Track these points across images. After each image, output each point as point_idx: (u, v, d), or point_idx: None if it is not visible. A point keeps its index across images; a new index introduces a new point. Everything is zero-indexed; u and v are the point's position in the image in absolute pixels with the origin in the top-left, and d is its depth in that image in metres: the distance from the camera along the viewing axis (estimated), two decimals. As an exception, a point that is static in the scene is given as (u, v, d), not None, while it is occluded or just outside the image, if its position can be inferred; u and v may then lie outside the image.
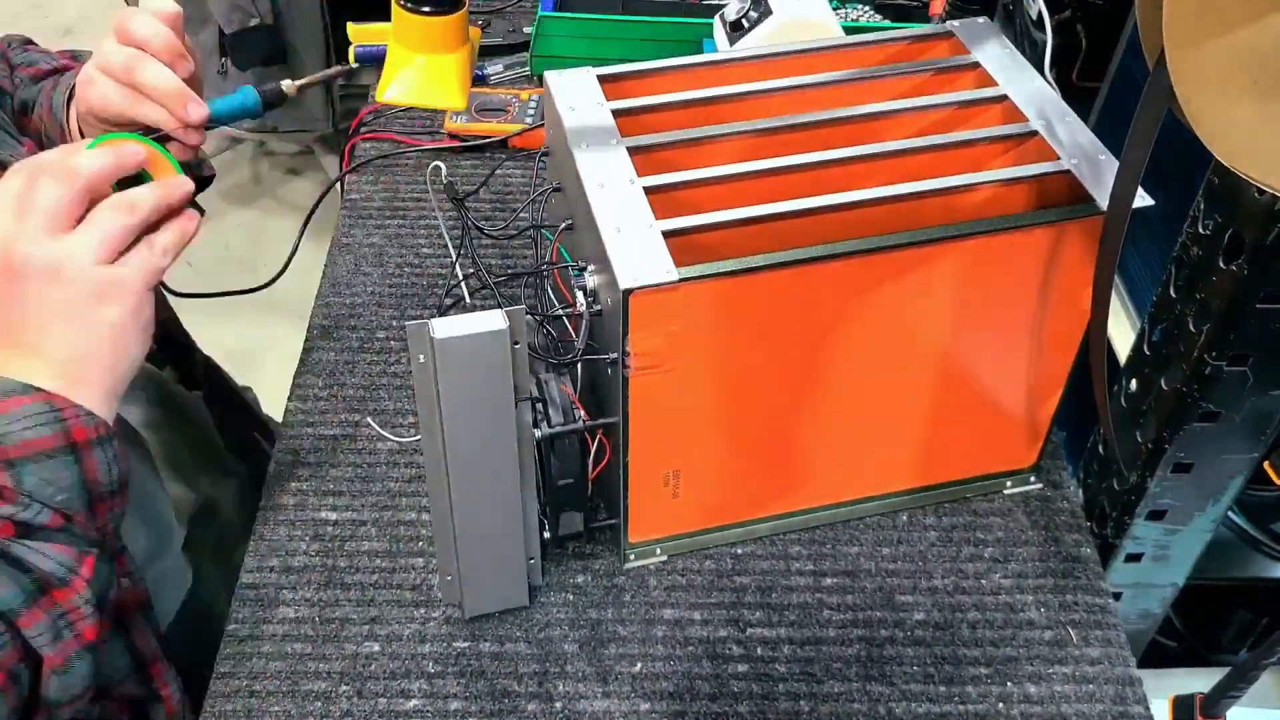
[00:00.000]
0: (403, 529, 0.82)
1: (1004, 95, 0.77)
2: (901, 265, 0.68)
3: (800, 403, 0.74)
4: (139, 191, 0.65)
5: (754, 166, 0.71)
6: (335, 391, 0.91)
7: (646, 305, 0.64)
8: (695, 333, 0.67)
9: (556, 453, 0.73)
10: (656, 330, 0.66)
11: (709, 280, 0.64)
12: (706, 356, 0.69)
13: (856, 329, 0.71)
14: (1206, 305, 0.73)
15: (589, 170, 0.70)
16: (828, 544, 0.82)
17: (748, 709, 0.72)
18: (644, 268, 0.64)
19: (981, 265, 0.70)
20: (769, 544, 0.82)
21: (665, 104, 0.76)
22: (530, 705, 0.72)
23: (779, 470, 0.79)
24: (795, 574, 0.80)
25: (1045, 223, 0.69)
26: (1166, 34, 0.51)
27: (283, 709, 0.72)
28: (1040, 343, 0.76)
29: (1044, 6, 1.08)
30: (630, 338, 0.65)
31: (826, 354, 0.72)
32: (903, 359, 0.75)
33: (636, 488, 0.75)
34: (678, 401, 0.70)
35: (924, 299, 0.71)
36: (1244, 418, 0.77)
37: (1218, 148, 0.54)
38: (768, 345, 0.70)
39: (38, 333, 0.62)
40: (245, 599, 0.77)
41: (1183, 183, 0.80)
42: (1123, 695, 0.74)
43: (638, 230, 0.66)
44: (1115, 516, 0.86)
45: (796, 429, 0.76)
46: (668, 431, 0.72)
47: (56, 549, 0.61)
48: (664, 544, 0.80)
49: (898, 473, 0.82)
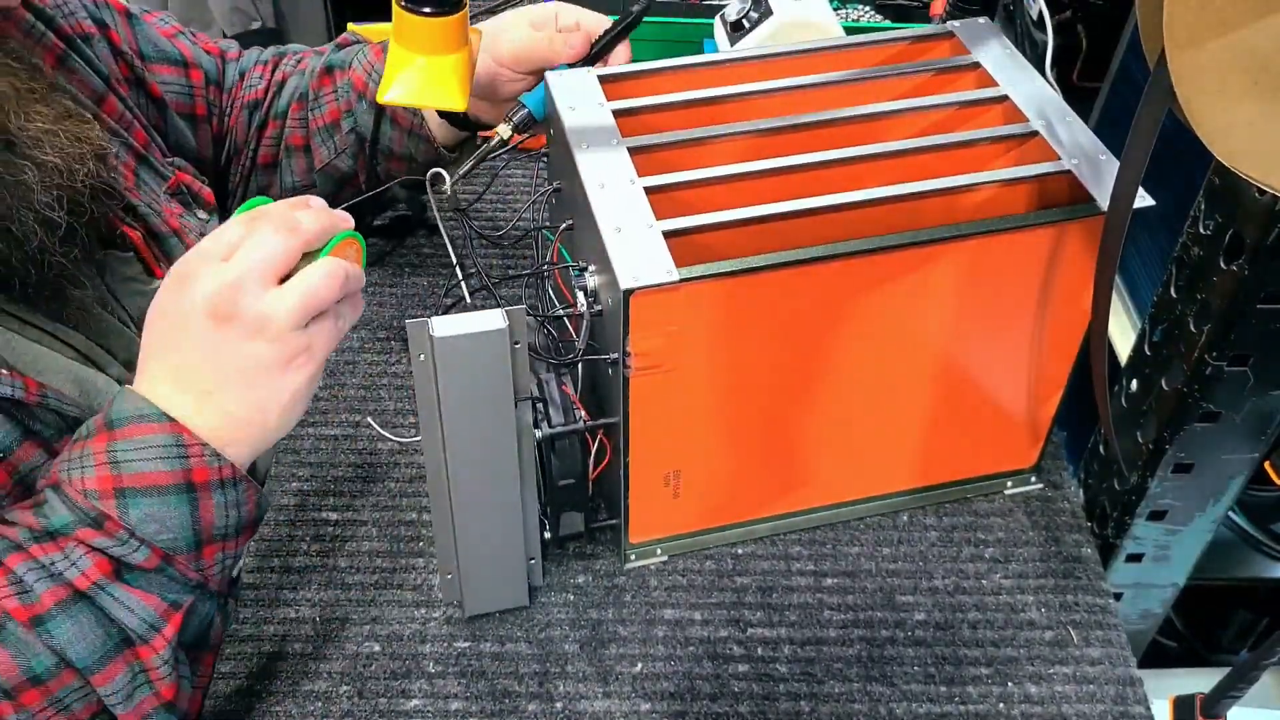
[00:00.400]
0: (403, 529, 0.82)
1: (1005, 95, 0.77)
2: (902, 265, 0.68)
3: (801, 402, 0.75)
4: (352, 266, 0.63)
5: (754, 167, 0.71)
6: (335, 391, 0.91)
7: (647, 305, 0.64)
8: (696, 333, 0.67)
9: (557, 453, 0.73)
10: (657, 330, 0.66)
11: (709, 280, 0.64)
12: (707, 356, 0.69)
13: (857, 329, 0.71)
14: (1207, 305, 0.73)
15: (589, 170, 0.70)
16: (828, 544, 0.82)
17: (748, 709, 0.72)
18: (644, 268, 0.64)
19: (982, 265, 0.70)
20: (769, 544, 0.82)
21: (666, 104, 0.76)
22: (531, 705, 0.72)
23: (780, 470, 0.79)
24: (796, 574, 0.80)
25: (1046, 223, 0.69)
26: (1167, 34, 0.50)
27: (283, 709, 0.72)
28: (1041, 343, 0.76)
29: (1044, 6, 1.08)
30: (631, 338, 0.65)
31: (827, 354, 0.72)
32: (903, 359, 0.75)
33: (637, 488, 0.75)
34: (678, 401, 0.70)
35: (924, 299, 0.71)
36: (1244, 418, 0.77)
37: (1218, 148, 0.54)
38: (768, 345, 0.70)
39: (216, 381, 0.61)
40: (245, 599, 0.77)
41: (1183, 183, 0.80)
42: (1123, 695, 0.74)
43: (638, 230, 0.66)
44: (1116, 517, 0.86)
45: (797, 429, 0.76)
46: (668, 431, 0.72)
47: (145, 601, 0.60)
48: (664, 544, 0.80)
49: (898, 473, 0.82)
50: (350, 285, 0.63)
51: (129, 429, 0.60)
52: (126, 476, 0.59)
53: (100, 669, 0.59)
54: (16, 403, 0.64)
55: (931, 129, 0.77)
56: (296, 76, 0.95)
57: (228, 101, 0.94)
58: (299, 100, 0.93)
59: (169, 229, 0.80)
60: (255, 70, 0.95)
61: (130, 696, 0.60)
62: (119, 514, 0.59)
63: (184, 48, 0.90)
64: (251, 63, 0.96)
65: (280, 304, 0.60)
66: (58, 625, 0.58)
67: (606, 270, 0.65)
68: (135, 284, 0.77)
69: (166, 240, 0.80)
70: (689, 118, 0.76)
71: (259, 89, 0.94)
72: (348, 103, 0.91)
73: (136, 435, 0.60)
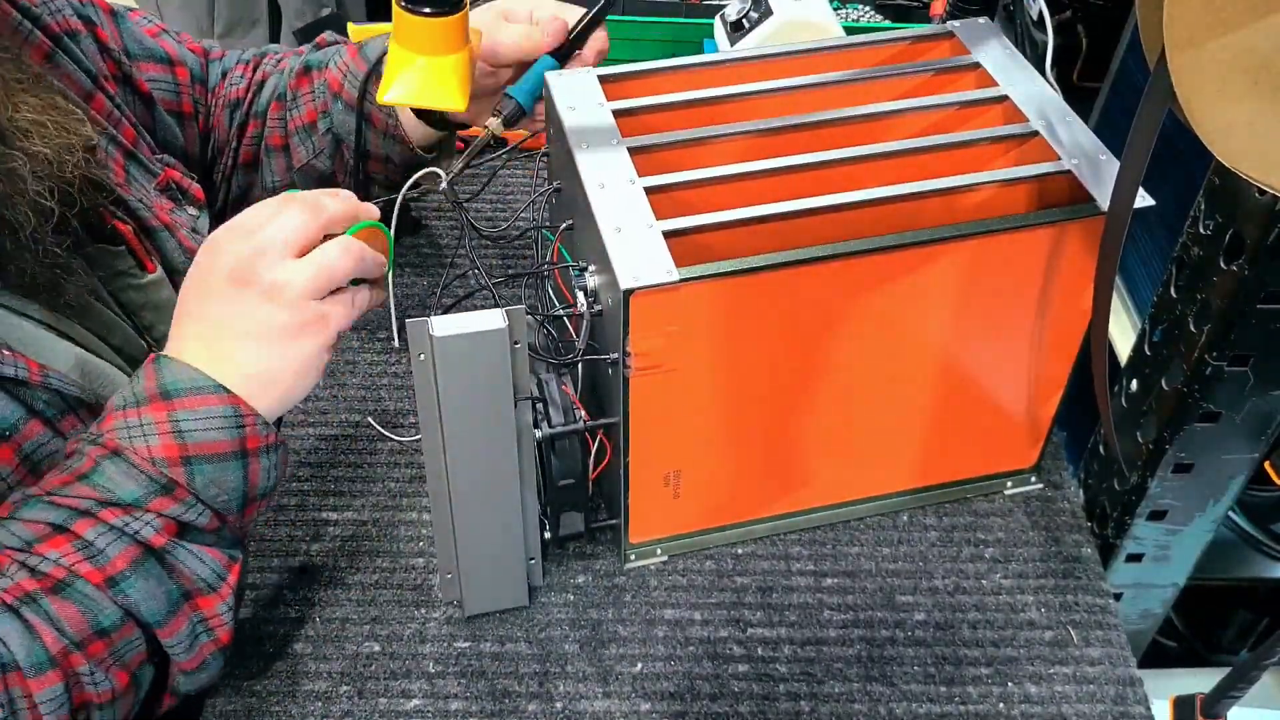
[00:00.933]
0: (403, 529, 0.82)
1: (1004, 96, 0.77)
2: (902, 265, 0.68)
3: (801, 402, 0.75)
4: (370, 250, 0.68)
5: (754, 167, 0.71)
6: (335, 391, 0.91)
7: (647, 305, 0.64)
8: (696, 332, 0.67)
9: (557, 453, 0.73)
10: (657, 330, 0.66)
11: (710, 280, 0.64)
12: (707, 356, 0.69)
13: (857, 329, 0.71)
14: (1207, 305, 0.73)
15: (589, 170, 0.70)
16: (828, 544, 0.82)
17: (748, 709, 0.72)
18: (644, 268, 0.64)
19: (982, 265, 0.70)
20: (769, 544, 0.82)
21: (666, 104, 0.76)
22: (530, 705, 0.72)
23: (780, 470, 0.79)
24: (796, 574, 0.80)
25: (1046, 223, 0.69)
26: (1167, 34, 0.50)
27: (283, 709, 0.72)
28: (1041, 343, 0.76)
29: (1044, 6, 1.08)
30: (631, 338, 0.65)
31: (827, 353, 0.72)
32: (903, 359, 0.75)
33: (637, 488, 0.75)
34: (678, 401, 0.70)
35: (925, 299, 0.71)
36: (1244, 418, 0.77)
37: (1218, 148, 0.54)
38: (768, 345, 0.70)
39: (234, 342, 0.65)
40: (245, 599, 0.77)
41: (1183, 183, 0.80)
42: (1123, 695, 0.74)
43: (638, 230, 0.66)
44: (1116, 517, 0.86)
45: (797, 429, 0.76)
46: (668, 431, 0.72)
47: (212, 554, 0.65)
48: (665, 544, 0.80)
49: (898, 473, 0.82)
50: (368, 268, 0.68)
51: (188, 400, 0.63)
52: (191, 445, 0.63)
53: (167, 623, 0.63)
54: (19, 382, 0.65)
55: (931, 129, 0.77)
56: (276, 76, 0.95)
57: (212, 100, 0.94)
58: (278, 100, 0.94)
59: (160, 223, 0.80)
60: (237, 69, 0.95)
61: (191, 646, 0.65)
62: (186, 480, 0.62)
63: (168, 46, 0.90)
64: (234, 62, 0.96)
65: (297, 273, 0.64)
66: (130, 584, 0.61)
67: (606, 270, 0.65)
68: (127, 278, 0.77)
69: (157, 234, 0.80)
70: (689, 118, 0.76)
71: (240, 88, 0.94)
72: (324, 103, 0.91)
73: (198, 406, 0.63)
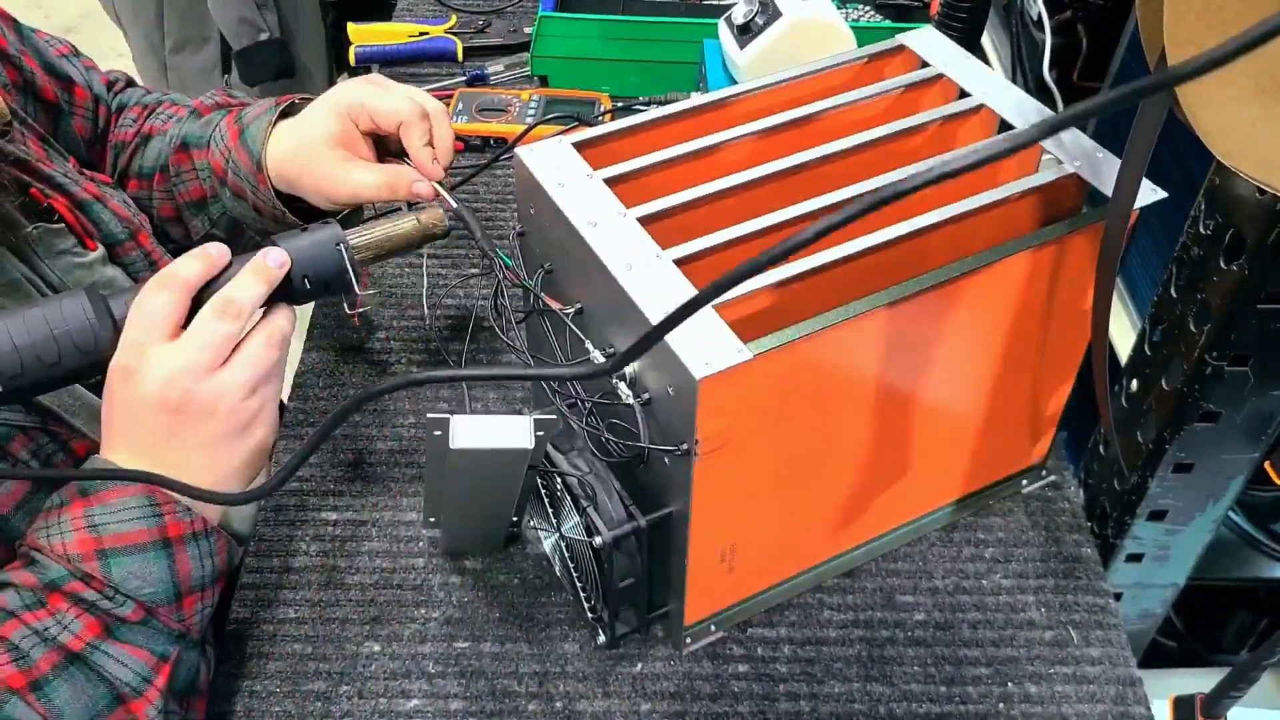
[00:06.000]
0: (403, 529, 0.82)
1: (980, 105, 0.74)
2: (943, 298, 0.65)
3: (850, 448, 0.71)
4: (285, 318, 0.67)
5: (773, 220, 0.67)
6: (335, 391, 0.91)
7: (718, 388, 0.58)
8: (759, 403, 0.63)
9: (620, 553, 0.67)
10: (726, 410, 0.61)
11: (776, 351, 0.60)
12: (769, 424, 0.65)
13: (901, 364, 0.68)
14: (1207, 305, 0.73)
15: (609, 252, 0.64)
16: (828, 544, 0.82)
17: (748, 709, 0.72)
18: (712, 351, 0.58)
19: (1011, 280, 0.68)
20: (769, 544, 0.81)
21: (653, 165, 0.71)
22: (530, 705, 0.72)
23: (828, 518, 0.76)
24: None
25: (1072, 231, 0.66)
26: (1167, 34, 0.51)
27: (283, 709, 0.72)
28: (1055, 345, 0.75)
29: (1044, 7, 1.08)
30: (698, 422, 0.60)
31: (874, 395, 0.69)
32: (941, 384, 0.72)
33: (695, 571, 0.69)
34: (739, 475, 0.66)
35: (962, 324, 0.69)
36: (1244, 418, 0.77)
37: (1218, 148, 0.54)
38: (822, 398, 0.67)
39: (179, 456, 0.64)
40: (245, 599, 0.77)
41: (1183, 183, 0.80)
42: (1123, 695, 0.74)
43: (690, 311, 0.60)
44: (1116, 516, 0.86)
45: (848, 475, 0.73)
46: (729, 508, 0.67)
47: (135, 655, 0.62)
48: (718, 619, 0.76)
49: (931, 494, 0.81)
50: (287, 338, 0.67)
51: (104, 494, 0.63)
52: (106, 538, 0.62)
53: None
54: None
55: (922, 149, 0.74)
56: (160, 140, 0.90)
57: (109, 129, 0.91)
58: (161, 172, 0.90)
59: (89, 195, 0.78)
60: (131, 111, 0.92)
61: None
62: (102, 574, 0.61)
63: (71, 69, 0.87)
64: (131, 101, 0.93)
65: (229, 381, 0.64)
66: (54, 689, 0.60)
67: (661, 357, 0.60)
68: (70, 256, 0.74)
69: (90, 207, 0.78)
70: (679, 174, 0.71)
71: (129, 131, 0.91)
72: (211, 188, 0.88)
73: (112, 499, 0.62)
